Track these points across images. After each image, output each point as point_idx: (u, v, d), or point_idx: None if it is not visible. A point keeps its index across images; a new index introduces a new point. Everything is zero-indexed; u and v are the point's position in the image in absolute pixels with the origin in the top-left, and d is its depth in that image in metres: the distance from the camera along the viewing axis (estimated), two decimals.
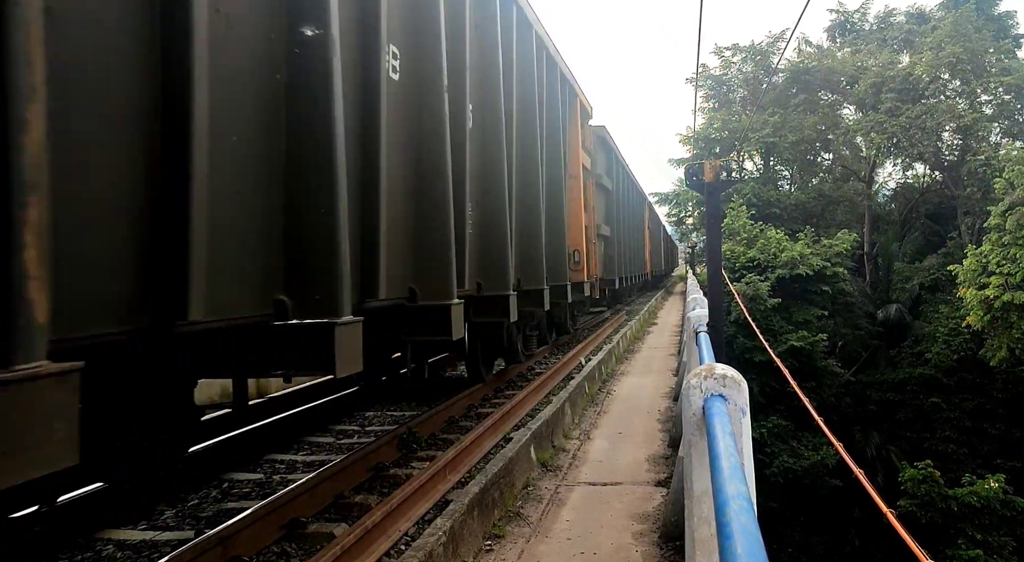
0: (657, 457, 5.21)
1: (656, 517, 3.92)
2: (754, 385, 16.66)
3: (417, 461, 5.03)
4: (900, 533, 2.87)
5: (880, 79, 28.32)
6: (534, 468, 4.81)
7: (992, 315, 17.85)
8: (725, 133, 32.03)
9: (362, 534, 3.30)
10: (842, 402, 21.29)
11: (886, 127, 26.96)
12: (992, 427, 20.23)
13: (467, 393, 6.92)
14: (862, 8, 35.01)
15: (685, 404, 2.38)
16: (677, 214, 41.35)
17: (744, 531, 1.13)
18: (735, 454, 1.56)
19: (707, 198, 7.10)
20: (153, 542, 3.57)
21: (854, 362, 24.79)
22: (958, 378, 21.54)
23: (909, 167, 32.81)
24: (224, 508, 4.05)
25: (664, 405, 7.15)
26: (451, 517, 3.32)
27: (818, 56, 33.01)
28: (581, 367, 8.83)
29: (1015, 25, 30.39)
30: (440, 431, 5.91)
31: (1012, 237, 17.61)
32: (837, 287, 21.80)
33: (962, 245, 23.80)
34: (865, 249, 29.97)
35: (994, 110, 28.21)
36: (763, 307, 19.04)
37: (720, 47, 34.72)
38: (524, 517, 3.97)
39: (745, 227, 23.35)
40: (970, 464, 18.59)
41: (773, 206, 29.32)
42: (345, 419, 6.42)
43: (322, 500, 4.02)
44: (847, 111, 33.43)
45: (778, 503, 16.03)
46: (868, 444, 20.41)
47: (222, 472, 4.71)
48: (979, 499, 14.63)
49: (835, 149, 33.56)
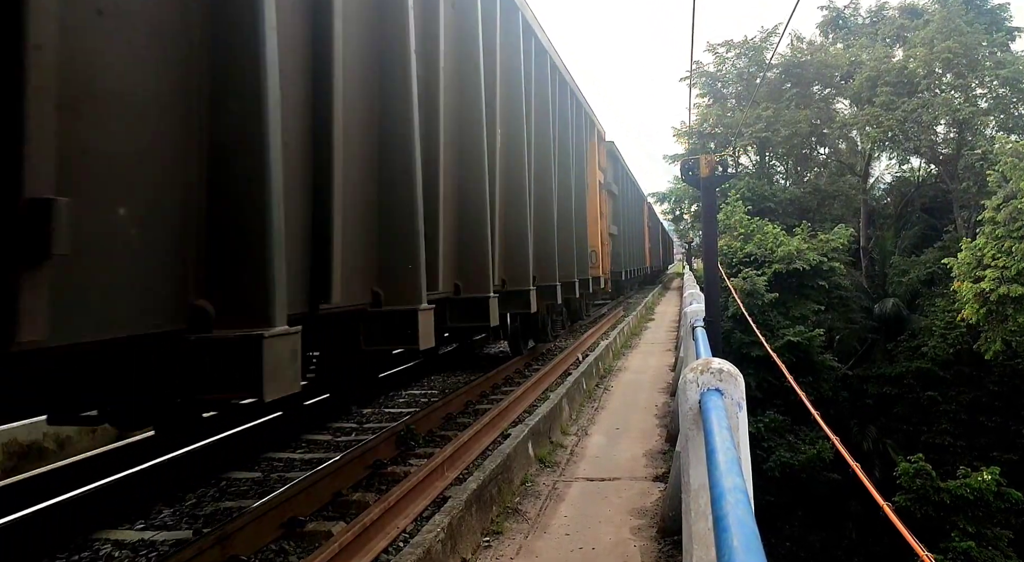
0: (655, 452, 5.22)
1: (654, 512, 3.93)
2: (751, 380, 16.66)
3: (415, 458, 5.03)
4: (897, 526, 2.88)
5: (875, 73, 28.33)
6: (532, 464, 4.81)
7: (987, 308, 17.89)
8: (719, 129, 32.04)
9: (360, 532, 3.30)
10: (839, 396, 21.33)
11: (882, 121, 26.98)
12: (989, 420, 20.29)
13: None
14: (853, 3, 35.06)
15: (682, 399, 2.38)
16: (674, 211, 41.42)
17: (741, 525, 1.13)
18: (732, 448, 1.57)
19: (703, 193, 7.10)
20: (151, 542, 3.57)
21: (851, 356, 24.84)
22: (955, 371, 21.59)
23: (905, 161, 32.82)
24: (222, 507, 4.05)
25: (662, 400, 7.16)
26: (449, 513, 3.32)
27: (811, 50, 33.00)
28: (578, 363, 8.87)
29: (1009, 18, 30.36)
30: (438, 427, 5.91)
31: (1006, 230, 17.63)
32: (834, 282, 21.81)
33: (958, 239, 23.81)
34: (861, 243, 30.02)
35: (989, 104, 28.23)
36: (760, 302, 19.05)
37: (713, 44, 34.74)
38: (522, 513, 3.98)
39: (742, 222, 23.36)
40: (967, 457, 18.63)
41: (768, 201, 29.35)
42: (343, 417, 6.42)
43: (320, 498, 4.02)
44: (841, 105, 33.47)
45: (775, 497, 16.05)
46: (865, 438, 20.46)
47: (220, 471, 4.70)
48: (972, 491, 14.67)
49: (830, 143, 33.59)
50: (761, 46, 33.23)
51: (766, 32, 33.60)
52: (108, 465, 4.32)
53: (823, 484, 16.72)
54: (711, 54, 34.76)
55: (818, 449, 16.69)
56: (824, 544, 17.05)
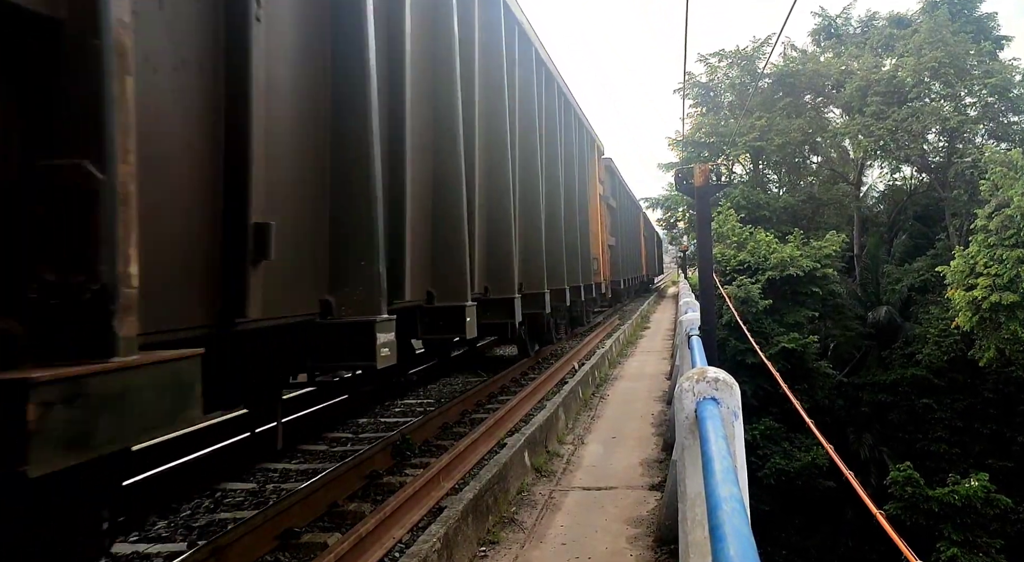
0: (651, 461, 5.21)
1: (650, 521, 3.93)
2: (747, 387, 16.63)
3: (411, 468, 5.02)
4: (889, 533, 2.89)
5: (865, 82, 28.54)
6: (528, 473, 4.80)
7: (980, 316, 17.98)
8: (713, 138, 32.21)
9: (356, 542, 3.29)
10: (835, 404, 21.36)
11: (872, 130, 27.16)
12: (983, 427, 20.34)
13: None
14: (844, 12, 35.38)
15: (678, 407, 2.39)
16: (668, 218, 41.54)
17: (737, 533, 1.14)
18: (728, 457, 1.57)
19: (697, 202, 7.12)
20: (145, 554, 3.54)
21: (846, 363, 24.90)
22: (949, 379, 21.65)
23: (897, 169, 33.04)
24: (217, 518, 4.02)
25: (658, 409, 7.16)
26: (445, 523, 3.31)
27: (803, 60, 33.27)
28: (574, 371, 8.87)
29: (997, 27, 30.65)
30: (434, 437, 5.90)
31: (998, 238, 17.76)
32: (828, 288, 21.89)
33: (950, 247, 23.95)
34: (855, 251, 30.14)
35: (979, 112, 28.46)
36: (755, 309, 19.11)
37: (704, 55, 35.03)
38: (519, 523, 3.97)
39: (735, 230, 23.46)
40: (962, 464, 18.67)
41: (762, 209, 29.46)
42: (339, 427, 6.40)
43: (316, 509, 4.00)
44: (833, 114, 33.71)
45: (771, 505, 16.05)
46: (861, 446, 20.48)
47: (214, 481, 4.68)
48: (960, 499, 14.69)
49: (823, 152, 33.78)
50: (753, 55, 33.48)
51: (758, 42, 33.89)
52: None
53: (818, 491, 16.72)
54: (703, 64, 35.04)
55: (812, 455, 16.70)
56: (820, 551, 17.03)
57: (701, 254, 6.86)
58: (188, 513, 4.15)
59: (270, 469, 5.05)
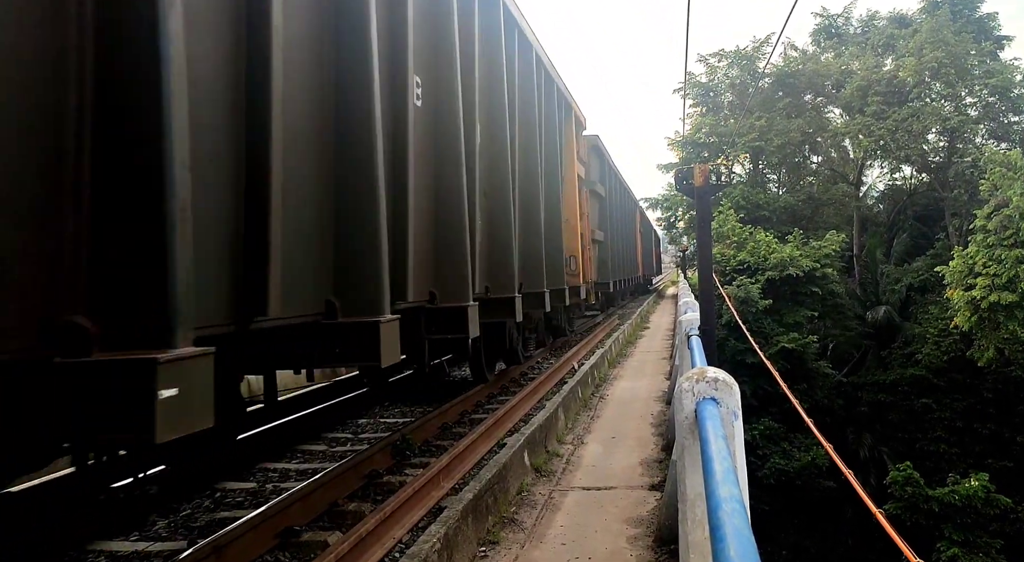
0: (651, 461, 5.22)
1: (650, 521, 3.93)
2: (746, 387, 16.68)
3: (411, 468, 5.02)
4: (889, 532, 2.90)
5: (866, 82, 28.54)
6: (528, 473, 4.81)
7: (979, 316, 17.98)
8: (713, 138, 32.19)
9: (356, 542, 3.29)
10: (834, 403, 21.36)
11: (873, 130, 27.16)
12: (983, 427, 20.34)
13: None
14: (845, 12, 35.37)
15: (677, 408, 2.40)
16: (668, 218, 41.50)
17: (737, 533, 1.14)
18: (727, 457, 1.58)
19: (697, 202, 7.13)
20: (145, 553, 3.55)
21: (846, 363, 24.90)
22: (948, 379, 21.65)
23: (897, 169, 33.03)
24: (217, 517, 4.02)
25: (657, 409, 7.16)
26: (445, 523, 3.31)
27: (803, 60, 33.26)
28: (574, 371, 8.86)
29: (997, 27, 30.63)
30: (434, 437, 5.90)
31: (997, 238, 17.77)
32: (827, 288, 21.88)
33: (950, 247, 23.95)
34: (855, 251, 30.14)
35: (979, 112, 28.47)
36: (755, 309, 19.10)
37: (704, 55, 35.02)
38: (519, 523, 3.97)
39: (734, 230, 23.45)
40: (962, 464, 18.67)
41: (762, 209, 29.46)
42: (338, 427, 6.40)
43: (316, 508, 4.00)
44: (833, 114, 33.69)
45: (771, 505, 16.05)
46: (861, 445, 20.48)
47: (214, 481, 4.68)
48: (960, 498, 14.69)
49: (823, 152, 33.77)
50: (754, 55, 33.47)
51: (758, 42, 33.88)
52: (105, 473, 4.29)
53: (818, 491, 16.73)
54: (703, 65, 35.03)
55: (812, 456, 16.71)
56: (820, 551, 17.04)
57: (701, 254, 6.87)
58: (188, 512, 4.15)
59: (270, 469, 5.05)
